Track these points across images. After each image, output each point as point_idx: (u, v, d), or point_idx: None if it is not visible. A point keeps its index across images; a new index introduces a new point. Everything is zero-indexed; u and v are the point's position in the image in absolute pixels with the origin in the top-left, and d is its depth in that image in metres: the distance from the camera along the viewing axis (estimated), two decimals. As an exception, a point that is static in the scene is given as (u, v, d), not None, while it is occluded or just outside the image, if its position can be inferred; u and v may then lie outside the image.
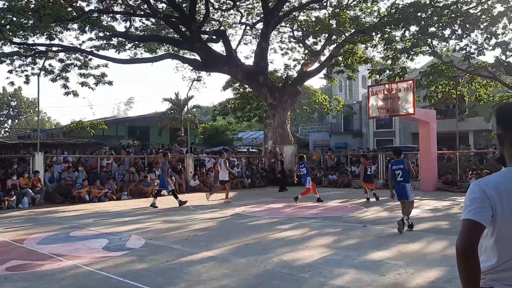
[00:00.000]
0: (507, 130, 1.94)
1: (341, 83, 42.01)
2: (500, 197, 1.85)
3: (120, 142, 29.42)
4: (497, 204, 1.84)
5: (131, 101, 68.36)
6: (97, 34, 22.77)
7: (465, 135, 29.96)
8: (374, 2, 24.73)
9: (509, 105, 2.03)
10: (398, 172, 8.92)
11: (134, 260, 6.52)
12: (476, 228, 1.82)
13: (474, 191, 1.89)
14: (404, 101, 17.28)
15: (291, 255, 6.61)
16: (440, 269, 5.74)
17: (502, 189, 1.85)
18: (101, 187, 16.22)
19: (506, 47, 18.84)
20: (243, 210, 12.71)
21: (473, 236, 1.82)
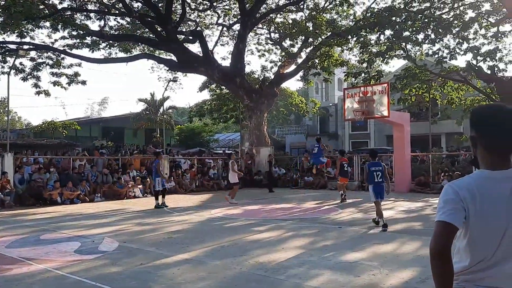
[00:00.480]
0: (480, 132, 1.96)
1: (318, 86, 42.35)
2: (473, 199, 1.87)
3: (94, 143, 28.94)
4: (470, 206, 1.86)
5: (105, 101, 67.22)
6: (70, 33, 22.33)
7: (438, 138, 30.60)
8: (350, 6, 25.01)
9: (483, 108, 2.05)
10: (378, 173, 9.36)
11: (107, 263, 6.38)
12: (449, 230, 1.85)
13: (448, 193, 1.92)
14: (379, 104, 17.51)
15: (267, 257, 6.58)
16: (413, 269, 5.80)
17: (475, 191, 1.88)
18: (73, 188, 15.87)
19: (477, 52, 19.30)
20: (219, 212, 12.63)
21: (446, 237, 1.85)
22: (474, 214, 1.87)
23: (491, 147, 1.93)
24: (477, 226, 1.89)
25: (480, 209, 1.87)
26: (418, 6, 22.31)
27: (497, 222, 1.87)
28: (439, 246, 1.83)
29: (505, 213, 1.87)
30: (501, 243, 1.88)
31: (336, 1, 25.06)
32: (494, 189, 1.88)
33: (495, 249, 1.89)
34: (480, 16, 20.15)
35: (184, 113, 59.17)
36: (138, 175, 18.69)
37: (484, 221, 1.88)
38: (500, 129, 1.90)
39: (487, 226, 1.88)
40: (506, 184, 1.88)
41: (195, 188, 20.48)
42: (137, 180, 18.16)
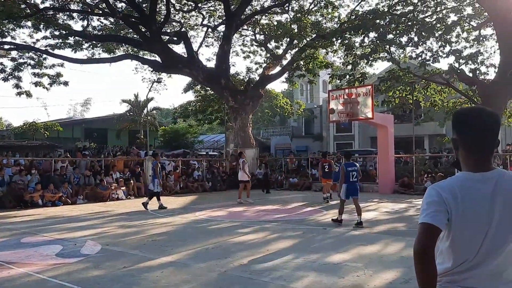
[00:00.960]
0: (461, 135, 1.99)
1: (302, 87, 42.53)
2: (455, 200, 1.89)
3: (76, 144, 28.55)
4: (453, 207, 1.89)
5: (88, 102, 66.28)
6: (52, 33, 22.06)
7: (421, 139, 30.94)
8: (334, 8, 25.19)
9: (464, 111, 2.07)
10: (354, 173, 9.95)
11: (89, 266, 6.27)
12: (432, 231, 1.87)
13: (431, 195, 1.94)
14: (363, 105, 17.64)
15: (252, 259, 6.55)
16: (397, 270, 5.83)
17: (457, 193, 1.91)
18: (55, 191, 15.62)
19: (459, 55, 19.58)
20: (203, 214, 12.56)
21: (430, 239, 1.87)
22: (456, 216, 1.89)
23: (471, 149, 1.97)
24: (459, 227, 1.91)
25: (462, 210, 1.89)
26: (402, 9, 22.57)
27: (479, 224, 1.90)
28: (423, 247, 1.85)
29: (486, 214, 1.90)
30: (483, 244, 1.90)
31: (321, 3, 25.22)
32: (475, 191, 1.91)
33: (477, 250, 1.91)
34: (462, 20, 20.46)
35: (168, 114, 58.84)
36: (122, 177, 18.49)
37: (466, 223, 1.91)
38: (478, 130, 1.94)
39: (468, 227, 1.91)
40: (487, 186, 1.91)
41: (179, 190, 20.34)
42: (120, 182, 17.97)
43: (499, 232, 1.90)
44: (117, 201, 16.75)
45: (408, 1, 22.53)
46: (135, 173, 19.31)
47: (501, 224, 1.90)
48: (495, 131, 1.97)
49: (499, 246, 1.91)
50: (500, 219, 1.90)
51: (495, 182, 1.92)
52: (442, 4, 21.60)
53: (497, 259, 1.92)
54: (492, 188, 1.91)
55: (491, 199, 1.90)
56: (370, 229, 9.36)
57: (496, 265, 1.92)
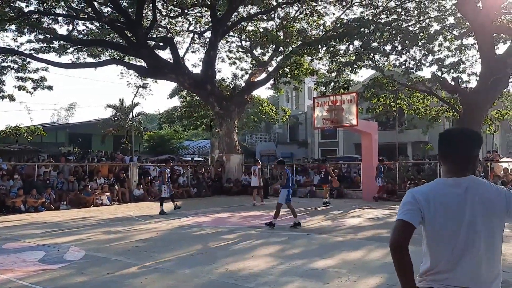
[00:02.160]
0: (440, 147, 2.30)
1: (288, 94, 42.74)
2: (427, 202, 2.12)
3: (60, 149, 28.21)
4: (425, 208, 2.12)
5: (72, 107, 65.44)
6: (37, 37, 21.83)
7: (404, 146, 31.32)
8: (320, 16, 25.41)
9: (446, 133, 2.35)
10: (292, 178, 11.03)
11: (72, 273, 6.22)
12: (405, 227, 2.11)
13: (406, 197, 2.22)
14: (348, 112, 17.80)
15: (237, 265, 6.57)
16: (381, 276, 5.91)
17: (430, 196, 2.14)
18: (38, 196, 15.41)
19: (442, 63, 19.92)
20: (188, 219, 12.53)
21: (402, 233, 2.12)
22: (428, 217, 2.11)
23: (445, 159, 2.26)
24: (432, 228, 2.12)
25: (434, 211, 2.10)
26: (386, 18, 22.93)
27: (450, 224, 2.09)
28: (396, 241, 2.11)
29: (456, 216, 2.09)
30: (456, 245, 2.07)
31: (306, 11, 25.42)
32: (446, 194, 2.14)
33: (452, 250, 2.08)
34: (445, 29, 20.85)
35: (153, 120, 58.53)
36: (106, 183, 18.33)
37: (437, 223, 2.10)
38: (450, 144, 2.25)
39: (441, 228, 2.09)
40: (458, 189, 2.13)
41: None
42: (105, 187, 17.81)
43: (471, 233, 2.06)
44: (101, 207, 16.59)
45: (392, 10, 22.93)
46: (119, 178, 19.16)
47: (472, 225, 2.06)
48: (468, 144, 2.22)
49: (472, 246, 2.06)
50: (471, 221, 2.07)
51: (466, 186, 2.13)
52: (425, 14, 22.02)
53: (473, 259, 2.06)
54: (463, 192, 2.12)
55: (461, 202, 2.10)
56: (354, 235, 9.45)
57: (474, 264, 2.06)
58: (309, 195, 20.45)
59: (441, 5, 21.93)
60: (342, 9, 24.88)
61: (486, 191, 2.13)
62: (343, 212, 14.23)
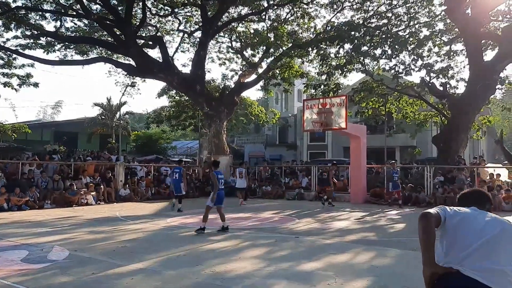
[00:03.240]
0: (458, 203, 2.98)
1: (277, 96, 42.75)
2: (453, 212, 2.70)
3: (45, 147, 27.83)
4: (448, 215, 2.67)
5: (59, 104, 64.67)
6: (23, 32, 21.54)
7: (392, 150, 31.47)
8: (311, 18, 25.48)
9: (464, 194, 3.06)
10: (222, 181, 10.17)
11: (56, 273, 6.09)
12: (431, 212, 2.65)
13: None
14: (337, 115, 17.82)
15: (224, 267, 6.49)
16: (367, 279, 5.88)
17: (457, 209, 2.74)
18: (21, 194, 15.15)
19: (431, 68, 20.10)
20: (175, 220, 12.41)
21: (429, 211, 2.65)
22: (451, 224, 2.65)
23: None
24: (454, 233, 2.64)
25: (453, 214, 2.69)
26: (376, 22, 23.07)
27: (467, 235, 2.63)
28: (427, 213, 2.61)
29: (473, 230, 2.63)
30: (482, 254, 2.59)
31: (297, 13, 25.48)
32: (465, 210, 2.78)
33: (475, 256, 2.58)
34: (434, 34, 21.04)
35: (141, 119, 58.15)
36: (92, 182, 18.09)
37: (460, 231, 2.64)
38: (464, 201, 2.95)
39: (462, 236, 2.63)
40: (475, 213, 2.77)
41: (150, 196, 20.06)
42: (90, 187, 17.58)
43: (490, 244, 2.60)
44: (87, 207, 16.37)
45: (382, 14, 23.08)
46: (106, 178, 18.93)
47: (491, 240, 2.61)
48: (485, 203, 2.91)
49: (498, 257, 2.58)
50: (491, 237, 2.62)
51: (480, 212, 2.77)
52: (415, 19, 22.20)
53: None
54: (478, 215, 2.74)
55: (480, 222, 2.67)
56: (341, 238, 9.42)
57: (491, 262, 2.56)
58: (297, 198, 20.42)
59: (431, 11, 22.15)
60: (333, 12, 24.98)
61: (495, 219, 2.73)
62: (331, 215, 14.22)
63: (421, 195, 17.52)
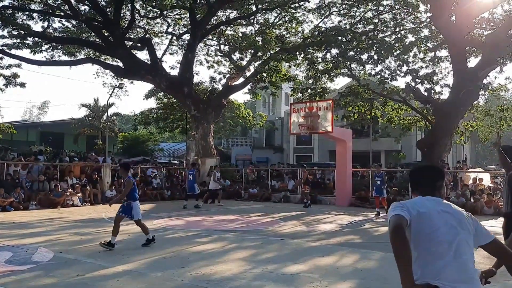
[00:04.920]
0: (413, 185, 2.85)
1: (265, 99, 42.87)
2: (414, 210, 2.49)
3: (31, 148, 27.54)
4: (412, 213, 2.46)
5: (45, 105, 63.96)
6: (10, 32, 21.33)
7: (377, 154, 31.78)
8: (298, 23, 25.67)
9: (417, 168, 2.94)
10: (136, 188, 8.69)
11: (40, 274, 6.09)
12: (400, 218, 2.40)
13: (394, 204, 2.57)
14: (324, 119, 17.99)
15: (209, 269, 6.54)
16: (352, 281, 5.98)
17: (416, 206, 2.53)
18: (6, 195, 15.00)
19: (416, 74, 20.38)
20: (161, 222, 12.41)
21: (399, 221, 2.38)
22: (415, 223, 2.46)
23: (416, 190, 2.77)
24: (419, 234, 2.47)
25: (418, 219, 2.48)
26: (363, 28, 23.33)
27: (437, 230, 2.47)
28: (396, 223, 2.35)
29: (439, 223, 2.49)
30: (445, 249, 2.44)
31: (285, 18, 25.65)
32: (427, 207, 2.55)
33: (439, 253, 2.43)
34: (419, 41, 21.36)
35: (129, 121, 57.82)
36: (78, 183, 17.98)
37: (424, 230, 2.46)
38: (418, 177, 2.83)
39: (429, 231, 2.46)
40: (434, 204, 2.59)
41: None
42: (77, 188, 17.47)
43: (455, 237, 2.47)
44: (72, 208, 16.27)
45: (369, 20, 23.35)
46: (92, 179, 18.82)
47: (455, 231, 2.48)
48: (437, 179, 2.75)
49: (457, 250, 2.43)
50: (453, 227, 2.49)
51: (438, 202, 2.61)
52: (401, 25, 22.50)
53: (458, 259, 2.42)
54: (436, 204, 2.59)
55: (440, 215, 2.52)
56: (327, 241, 9.53)
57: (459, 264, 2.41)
58: (283, 200, 20.53)
59: (416, 17, 22.47)
60: (321, 17, 25.20)
61: (454, 208, 2.59)
62: (316, 217, 14.34)
63: (406, 198, 17.74)
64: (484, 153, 59.24)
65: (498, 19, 20.28)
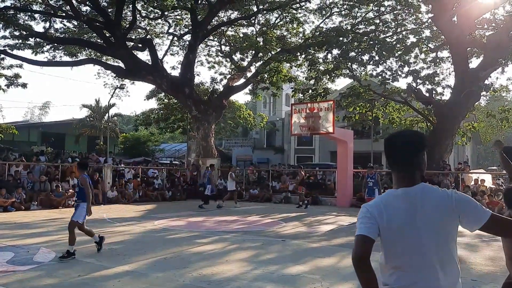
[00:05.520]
0: (387, 156, 2.25)
1: (266, 100, 42.87)
2: (380, 216, 2.10)
3: (32, 148, 27.58)
4: (379, 222, 2.09)
5: (47, 105, 64.02)
6: (12, 33, 21.37)
7: (379, 155, 31.71)
8: (299, 24, 25.67)
9: (388, 135, 2.29)
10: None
11: (42, 275, 6.10)
12: (364, 241, 2.07)
13: (362, 212, 2.17)
14: (325, 120, 17.98)
15: (210, 269, 6.55)
16: (353, 282, 5.97)
17: (382, 209, 2.11)
18: (7, 195, 15.02)
19: (417, 75, 20.36)
20: (162, 223, 12.42)
21: (363, 247, 2.06)
22: (383, 230, 2.09)
23: (393, 167, 2.22)
24: (387, 241, 2.11)
25: (387, 224, 2.08)
26: (364, 28, 23.32)
27: (403, 237, 2.07)
28: (358, 255, 2.05)
29: (408, 228, 2.07)
30: (411, 256, 2.07)
31: (286, 18, 25.65)
32: (395, 206, 2.10)
33: (407, 262, 2.08)
34: (421, 41, 21.34)
35: (130, 121, 57.86)
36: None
37: (391, 236, 2.09)
38: (397, 150, 2.20)
39: (395, 240, 2.09)
40: (406, 200, 2.10)
41: (138, 198, 20.01)
42: (78, 188, 17.47)
43: (426, 242, 2.05)
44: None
45: (370, 21, 23.36)
46: (93, 180, 18.82)
47: (426, 233, 2.05)
48: (412, 149, 2.16)
49: (427, 256, 2.05)
50: (424, 229, 2.06)
51: (414, 196, 2.10)
52: (402, 26, 22.50)
53: (431, 269, 2.04)
54: (411, 202, 2.08)
55: (411, 212, 2.07)
56: (328, 242, 9.53)
57: (432, 274, 2.04)
58: (284, 201, 20.52)
59: (417, 18, 22.47)
60: (322, 18, 25.21)
61: (436, 197, 2.08)
62: (317, 218, 14.34)
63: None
64: (485, 154, 59.13)
65: (499, 19, 20.28)
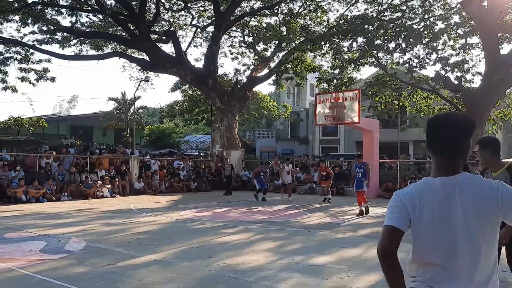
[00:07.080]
0: (428, 140, 2.07)
1: (290, 90, 42.65)
2: (413, 207, 1.95)
3: (62, 141, 28.24)
4: (411, 213, 1.96)
5: (74, 99, 65.34)
6: (40, 28, 21.82)
7: (405, 145, 31.26)
8: (323, 12, 25.33)
9: (434, 117, 2.10)
10: None
11: (73, 263, 6.25)
12: (394, 233, 1.95)
13: (393, 200, 2.04)
14: (350, 110, 17.78)
15: (236, 259, 6.59)
16: (379, 273, 5.87)
17: (416, 199, 1.96)
18: (39, 187, 15.46)
19: (446, 62, 19.86)
20: (188, 213, 12.56)
21: (391, 239, 1.95)
22: (414, 221, 1.95)
23: (435, 153, 2.04)
24: (418, 233, 1.96)
25: (419, 216, 1.94)
26: (390, 15, 22.84)
27: (437, 229, 1.93)
28: (385, 248, 1.94)
29: (444, 221, 1.92)
30: (445, 251, 1.92)
31: (310, 7, 25.35)
32: (431, 196, 1.95)
33: (440, 256, 1.93)
34: (449, 28, 20.78)
35: (155, 114, 58.49)
36: (107, 175, 18.36)
37: (423, 228, 1.95)
38: (442, 135, 2.00)
39: (427, 233, 1.95)
40: (446, 191, 1.94)
41: (164, 189, 20.29)
42: (106, 179, 17.84)
43: (462, 238, 1.90)
44: (102, 199, 16.64)
45: (396, 7, 22.85)
46: (120, 171, 19.19)
47: (464, 229, 1.90)
48: (459, 136, 1.98)
49: (465, 251, 1.90)
50: (462, 224, 1.90)
51: (453, 187, 1.94)
52: (430, 12, 21.94)
53: (466, 264, 1.91)
54: (449, 193, 1.93)
55: (446, 205, 1.92)
56: (354, 233, 9.47)
57: (467, 269, 1.91)
58: (309, 192, 20.47)
59: (446, 3, 21.86)
60: (346, 6, 24.82)
61: (478, 189, 1.92)
62: (342, 209, 14.26)
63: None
64: (516, 143, 57.47)
65: (532, 3, 19.54)
